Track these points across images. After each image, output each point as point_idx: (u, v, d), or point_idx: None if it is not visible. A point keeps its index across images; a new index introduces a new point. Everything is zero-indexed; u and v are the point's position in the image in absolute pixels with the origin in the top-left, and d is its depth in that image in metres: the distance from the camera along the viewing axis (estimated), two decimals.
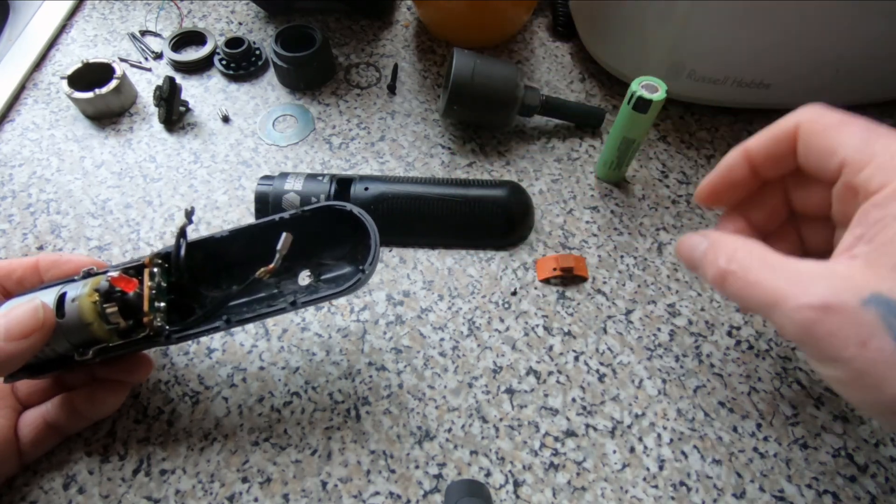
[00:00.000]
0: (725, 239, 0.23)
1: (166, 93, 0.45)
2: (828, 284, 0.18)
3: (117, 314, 0.25)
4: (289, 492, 0.30)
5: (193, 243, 0.28)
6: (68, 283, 0.26)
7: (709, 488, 0.31)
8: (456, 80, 0.41)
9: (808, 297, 0.18)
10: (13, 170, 0.44)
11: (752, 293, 0.20)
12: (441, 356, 0.35)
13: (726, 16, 0.38)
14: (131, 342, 0.26)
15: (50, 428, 0.28)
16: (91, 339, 0.25)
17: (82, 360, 0.25)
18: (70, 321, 0.24)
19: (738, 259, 0.21)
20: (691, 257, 0.25)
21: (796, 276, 0.19)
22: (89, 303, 0.24)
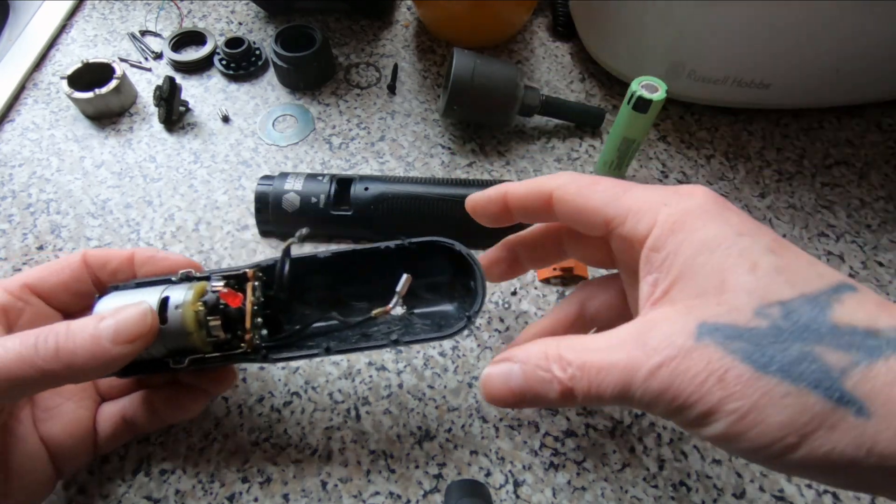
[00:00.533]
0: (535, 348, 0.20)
1: (166, 93, 0.45)
2: (657, 336, 0.17)
3: (220, 328, 0.24)
4: (289, 492, 0.30)
5: (294, 261, 0.27)
6: (168, 284, 0.26)
7: (709, 488, 0.31)
8: (456, 80, 0.41)
9: (650, 360, 0.17)
10: (13, 170, 0.44)
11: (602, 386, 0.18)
12: (441, 356, 0.35)
13: (726, 16, 0.38)
14: (227, 356, 0.25)
15: (126, 424, 0.28)
16: (188, 347, 0.25)
17: (177, 368, 0.25)
18: (171, 328, 0.24)
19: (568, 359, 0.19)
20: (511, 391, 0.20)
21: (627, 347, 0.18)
22: (192, 312, 0.24)
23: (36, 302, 0.26)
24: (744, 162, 0.45)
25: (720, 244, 0.18)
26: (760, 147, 0.46)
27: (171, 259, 0.28)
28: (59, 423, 0.26)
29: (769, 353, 0.16)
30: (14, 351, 0.20)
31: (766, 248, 0.18)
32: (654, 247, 0.19)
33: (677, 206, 0.19)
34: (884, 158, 0.45)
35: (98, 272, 0.27)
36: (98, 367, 0.21)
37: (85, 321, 0.22)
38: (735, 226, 0.18)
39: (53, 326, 0.22)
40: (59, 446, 0.26)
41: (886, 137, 0.47)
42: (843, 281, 0.17)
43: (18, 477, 0.24)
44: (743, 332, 0.16)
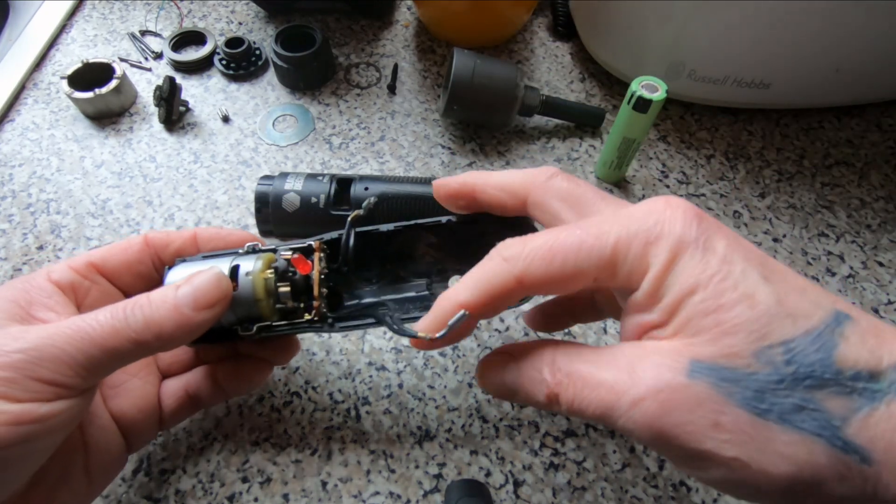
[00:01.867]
0: (535, 348, 0.20)
1: (166, 93, 0.45)
2: (646, 366, 0.17)
3: (289, 295, 0.24)
4: (289, 492, 0.30)
5: (358, 234, 0.27)
6: (235, 255, 0.26)
7: (709, 488, 0.31)
8: (456, 80, 0.41)
9: (636, 389, 0.17)
10: (13, 170, 0.44)
11: (585, 401, 0.18)
12: (441, 356, 0.35)
13: (726, 16, 0.38)
14: (295, 324, 0.25)
15: (190, 399, 0.28)
16: (256, 315, 0.25)
17: (246, 335, 0.25)
18: (241, 295, 0.24)
19: (559, 365, 0.19)
20: (504, 384, 0.21)
21: (615, 368, 0.18)
22: (262, 279, 0.24)
23: (101, 281, 0.26)
24: (744, 162, 0.45)
25: (713, 277, 0.17)
26: (760, 147, 0.46)
27: (235, 234, 0.28)
28: (127, 399, 0.26)
29: (770, 401, 0.15)
30: (108, 324, 0.21)
31: (760, 278, 0.17)
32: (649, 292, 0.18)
33: (664, 242, 0.18)
34: (884, 158, 0.45)
35: (160, 253, 0.27)
36: (183, 334, 0.22)
37: (163, 291, 0.22)
38: (723, 252, 0.17)
39: (136, 299, 0.22)
40: (129, 422, 0.26)
41: (886, 137, 0.47)
42: (838, 309, 0.17)
43: (96, 452, 0.24)
44: (741, 376, 0.16)
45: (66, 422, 0.20)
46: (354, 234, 0.27)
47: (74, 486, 0.23)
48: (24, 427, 0.19)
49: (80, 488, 0.24)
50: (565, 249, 0.19)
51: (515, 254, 0.19)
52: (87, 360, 0.20)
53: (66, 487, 0.23)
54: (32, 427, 0.19)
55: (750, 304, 0.16)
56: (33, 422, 0.19)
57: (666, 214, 0.18)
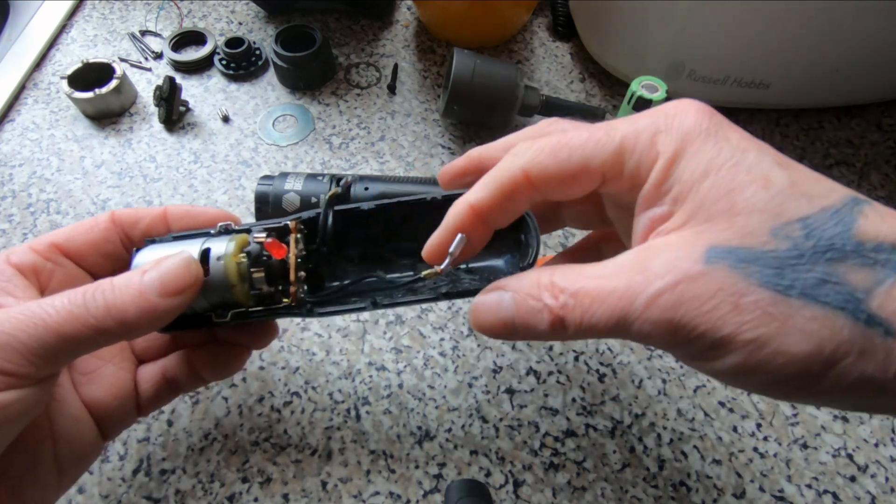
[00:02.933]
0: (529, 276, 0.19)
1: (166, 93, 0.45)
2: (660, 261, 0.16)
3: (263, 280, 0.23)
4: (289, 492, 0.30)
5: (336, 213, 0.26)
6: (207, 237, 0.24)
7: (709, 488, 0.31)
8: (456, 80, 0.41)
9: (651, 286, 0.16)
10: (13, 170, 0.44)
11: (595, 316, 0.17)
12: (441, 356, 0.35)
13: (726, 16, 0.38)
14: (271, 310, 0.24)
15: (168, 383, 0.27)
16: (230, 301, 0.23)
17: (219, 322, 0.24)
18: (213, 281, 0.23)
19: (561, 286, 0.18)
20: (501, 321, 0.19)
21: (626, 273, 0.17)
22: (235, 264, 0.23)
23: (66, 262, 0.25)
24: None
25: (725, 163, 0.16)
26: None
27: (207, 213, 0.27)
28: (99, 386, 0.25)
29: (791, 276, 0.15)
30: (65, 310, 0.19)
31: (774, 163, 0.16)
32: (658, 181, 0.17)
33: (674, 132, 0.17)
34: (884, 158, 0.45)
35: (129, 231, 0.26)
36: (148, 321, 0.20)
37: (129, 275, 0.21)
38: (736, 142, 0.17)
39: (98, 283, 0.20)
40: (103, 409, 0.25)
41: (886, 137, 0.47)
42: (856, 195, 0.16)
43: (66, 441, 0.23)
44: (759, 255, 0.15)
45: (20, 413, 0.19)
46: (333, 212, 0.25)
47: (42, 478, 0.22)
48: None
49: (48, 480, 0.23)
50: (572, 144, 0.18)
51: (524, 148, 0.19)
52: (40, 348, 0.19)
53: (33, 480, 0.22)
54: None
55: (764, 185, 0.16)
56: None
57: (677, 108, 0.18)
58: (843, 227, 0.15)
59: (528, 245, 0.23)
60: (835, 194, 0.16)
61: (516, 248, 0.26)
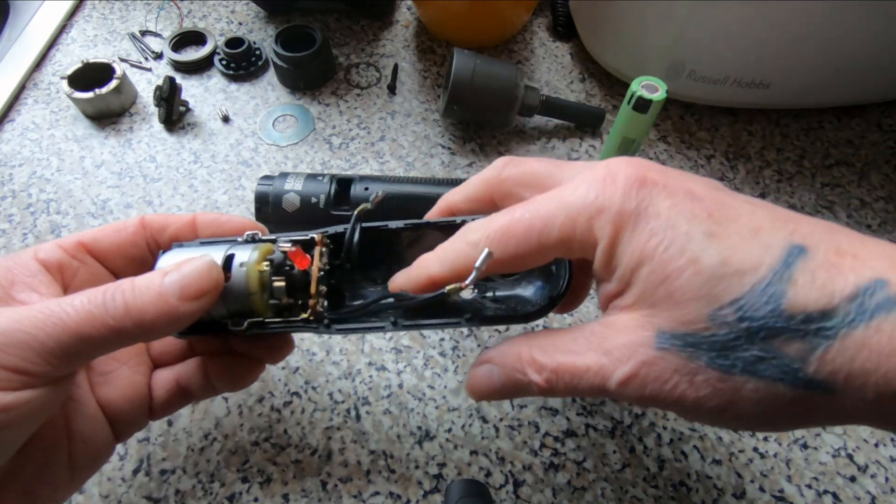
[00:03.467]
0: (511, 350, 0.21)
1: (166, 93, 0.45)
2: (618, 345, 0.18)
3: (283, 290, 0.23)
4: (289, 492, 0.30)
5: (364, 229, 0.25)
6: (233, 244, 0.24)
7: (709, 488, 0.31)
8: (456, 80, 0.41)
9: (618, 371, 0.18)
10: (13, 170, 0.44)
11: (578, 388, 0.19)
12: (441, 356, 0.35)
13: (726, 16, 0.38)
14: (288, 322, 0.24)
15: (181, 391, 0.27)
16: (248, 310, 0.23)
17: (235, 330, 0.23)
18: (234, 287, 0.22)
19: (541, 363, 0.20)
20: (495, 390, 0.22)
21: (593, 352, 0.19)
22: (257, 272, 0.23)
23: (91, 262, 0.25)
24: (744, 162, 0.45)
25: (657, 247, 0.18)
26: (760, 147, 0.46)
27: (235, 221, 0.27)
28: (115, 387, 0.25)
29: (732, 357, 0.17)
30: (84, 310, 0.19)
31: (704, 234, 0.17)
32: (602, 263, 0.19)
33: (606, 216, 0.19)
34: (884, 158, 0.45)
35: (157, 236, 0.26)
36: (167, 324, 0.20)
37: (150, 276, 0.21)
38: (665, 216, 0.18)
39: (119, 283, 0.20)
40: (117, 411, 0.25)
41: (886, 137, 0.47)
42: (793, 243, 0.17)
43: (81, 441, 0.23)
44: (701, 339, 0.17)
45: (35, 412, 0.19)
46: (360, 229, 0.25)
47: (56, 477, 0.22)
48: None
49: (62, 480, 0.23)
50: (517, 234, 0.20)
51: (476, 238, 0.21)
52: (58, 348, 0.19)
53: (47, 479, 0.22)
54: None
55: (696, 270, 0.17)
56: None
57: (605, 187, 0.19)
58: (773, 305, 0.16)
59: (559, 276, 0.23)
60: (767, 259, 0.17)
61: (544, 279, 0.25)
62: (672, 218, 0.18)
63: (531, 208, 0.20)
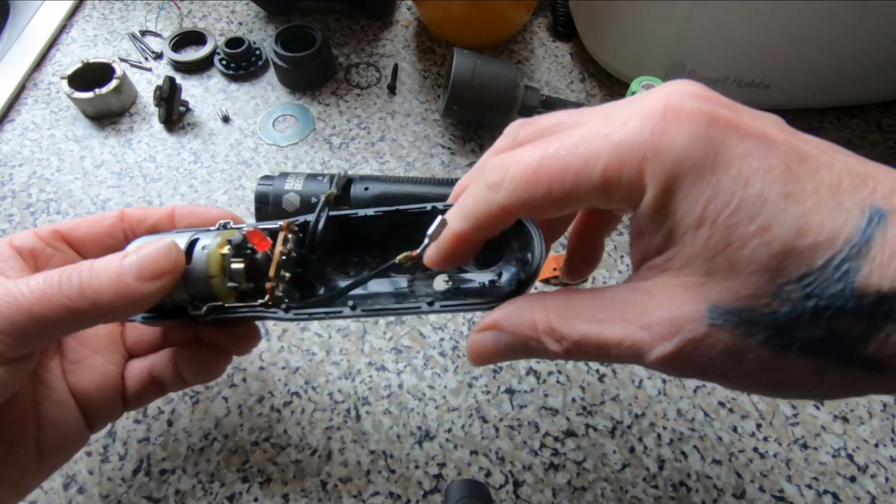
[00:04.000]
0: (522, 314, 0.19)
1: (166, 93, 0.45)
2: (660, 315, 0.16)
3: (241, 273, 0.23)
4: (289, 492, 0.30)
5: (332, 217, 0.25)
6: (202, 231, 0.24)
7: (709, 488, 0.31)
8: (456, 80, 0.41)
9: (658, 348, 0.16)
10: (13, 170, 0.44)
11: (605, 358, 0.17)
12: (441, 356, 0.35)
13: (726, 16, 0.38)
14: (246, 306, 0.24)
15: (154, 381, 0.27)
16: (209, 294, 0.23)
17: (195, 314, 0.23)
18: (194, 269, 0.23)
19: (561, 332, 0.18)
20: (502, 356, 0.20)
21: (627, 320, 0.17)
22: (218, 254, 0.23)
23: (66, 249, 0.25)
24: None
25: (722, 210, 0.15)
26: None
27: (212, 212, 0.27)
28: (87, 375, 0.25)
29: (790, 336, 0.15)
30: (38, 290, 0.19)
31: (780, 195, 0.15)
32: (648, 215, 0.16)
33: (661, 161, 0.15)
34: (884, 158, 0.45)
35: (135, 228, 0.26)
36: (124, 305, 0.20)
37: (109, 258, 0.21)
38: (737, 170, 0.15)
39: (77, 265, 0.20)
40: (89, 399, 0.25)
41: (886, 137, 0.47)
42: (870, 208, 0.15)
43: (51, 426, 0.23)
44: (760, 316, 0.15)
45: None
46: (328, 216, 0.25)
47: (21, 459, 0.22)
48: None
49: (28, 464, 0.22)
50: (550, 176, 0.17)
51: (497, 180, 0.18)
52: (11, 328, 0.18)
53: (12, 460, 0.22)
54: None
55: (766, 241, 0.15)
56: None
57: (665, 123, 0.16)
58: (845, 282, 0.14)
59: (531, 260, 0.22)
60: (846, 228, 0.14)
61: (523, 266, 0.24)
62: (745, 172, 0.15)
63: (568, 143, 0.17)
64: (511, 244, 0.24)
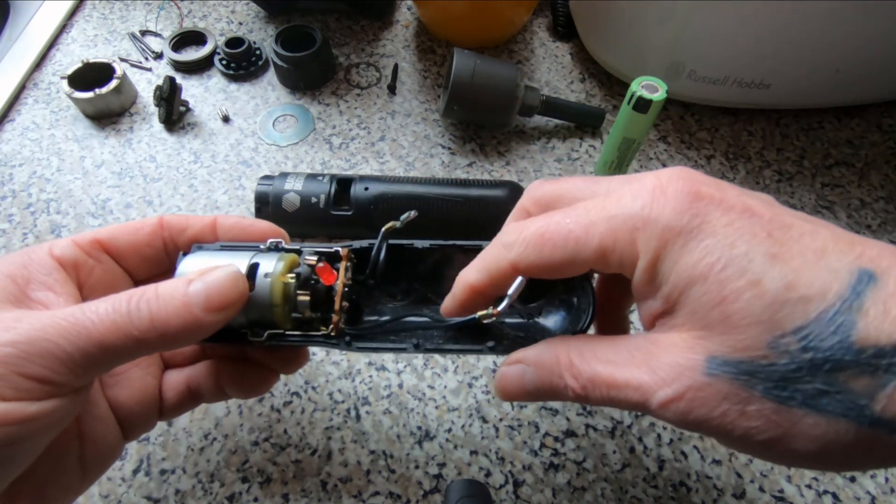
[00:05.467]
0: (548, 352, 0.20)
1: (166, 93, 0.45)
2: (664, 364, 0.17)
3: (307, 305, 0.23)
4: (289, 492, 0.30)
5: (389, 246, 0.25)
6: (256, 251, 0.24)
7: (709, 488, 0.31)
8: (456, 81, 0.41)
9: (661, 391, 0.17)
10: (13, 169, 0.44)
11: (615, 400, 0.18)
12: (441, 356, 0.35)
13: (726, 16, 0.38)
14: (309, 336, 0.23)
15: (191, 393, 0.26)
16: (269, 321, 0.23)
17: (255, 341, 0.23)
18: (257, 298, 0.22)
19: (580, 369, 0.19)
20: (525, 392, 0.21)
21: (636, 365, 0.18)
22: (281, 283, 0.22)
23: (106, 260, 0.24)
24: (744, 162, 0.45)
25: (712, 267, 0.16)
26: (760, 147, 0.46)
27: (258, 226, 0.26)
28: (126, 389, 0.25)
29: (791, 389, 0.15)
30: (109, 319, 0.19)
31: (765, 256, 0.16)
32: (644, 280, 0.18)
33: (651, 229, 0.17)
34: (884, 158, 0.45)
35: (175, 237, 0.25)
36: (190, 336, 0.20)
37: (174, 284, 0.20)
38: (722, 234, 0.16)
39: (142, 291, 0.20)
40: (127, 412, 0.25)
41: (886, 137, 0.47)
42: (862, 267, 0.15)
43: (91, 441, 0.23)
44: (758, 368, 0.16)
45: (57, 422, 0.19)
46: (387, 245, 0.25)
47: (67, 478, 0.22)
48: (10, 428, 0.17)
49: (72, 481, 0.22)
50: (554, 240, 0.19)
51: (511, 241, 0.20)
52: (82, 357, 0.18)
53: (58, 482, 0.22)
54: (18, 428, 0.17)
55: (757, 294, 0.16)
56: (20, 422, 0.17)
57: (654, 198, 0.17)
58: (841, 336, 0.15)
59: (581, 310, 0.23)
60: (835, 285, 0.15)
61: (568, 308, 0.25)
62: (730, 236, 0.16)
63: (572, 215, 0.19)
64: (556, 287, 0.25)
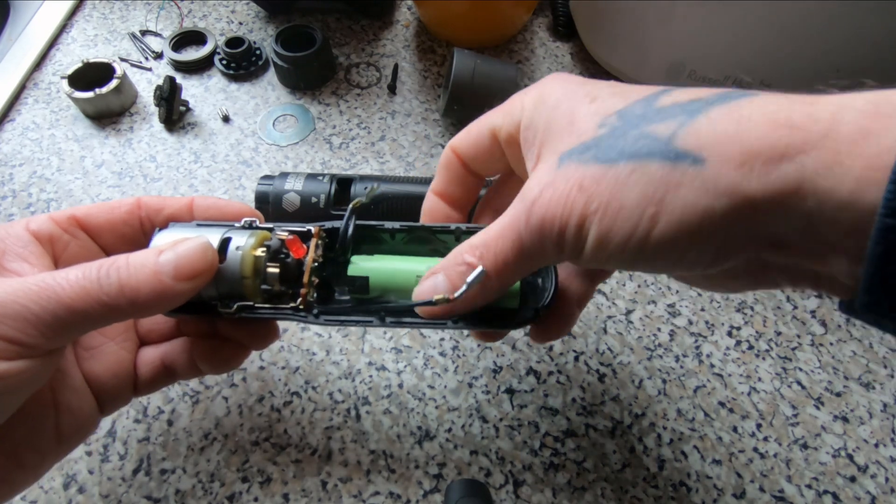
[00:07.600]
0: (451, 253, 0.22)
1: (166, 92, 0.45)
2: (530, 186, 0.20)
3: (276, 277, 0.23)
4: (289, 492, 0.30)
5: (358, 227, 0.26)
6: (230, 228, 0.25)
7: (709, 488, 0.31)
8: (456, 81, 0.41)
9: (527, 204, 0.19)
10: (13, 169, 0.44)
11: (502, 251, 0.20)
12: (441, 356, 0.35)
13: (726, 16, 0.38)
14: (278, 310, 0.24)
15: (166, 369, 0.27)
16: (239, 293, 0.24)
17: (225, 312, 0.24)
18: (227, 270, 0.23)
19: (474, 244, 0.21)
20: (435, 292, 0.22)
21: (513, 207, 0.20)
22: (252, 256, 0.23)
23: (82, 237, 0.25)
24: None
25: (567, 97, 0.20)
26: None
27: (233, 206, 0.27)
28: (101, 362, 0.26)
29: (615, 148, 0.18)
30: (78, 284, 0.19)
31: (607, 87, 0.20)
32: (526, 126, 0.21)
33: (533, 91, 0.22)
34: None
35: (152, 217, 0.26)
36: (159, 303, 0.21)
37: (145, 254, 0.21)
38: (578, 82, 0.21)
39: (113, 260, 0.21)
40: (102, 385, 0.25)
41: None
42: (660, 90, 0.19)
43: (67, 412, 0.24)
44: (591, 144, 0.18)
45: (27, 382, 0.19)
46: (355, 225, 0.25)
47: (42, 445, 0.23)
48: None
49: (48, 447, 0.23)
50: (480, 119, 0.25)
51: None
52: (52, 320, 0.19)
53: (33, 446, 0.23)
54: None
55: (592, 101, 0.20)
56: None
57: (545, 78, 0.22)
58: (646, 105, 0.18)
59: (546, 287, 0.24)
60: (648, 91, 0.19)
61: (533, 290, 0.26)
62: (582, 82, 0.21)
63: None
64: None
